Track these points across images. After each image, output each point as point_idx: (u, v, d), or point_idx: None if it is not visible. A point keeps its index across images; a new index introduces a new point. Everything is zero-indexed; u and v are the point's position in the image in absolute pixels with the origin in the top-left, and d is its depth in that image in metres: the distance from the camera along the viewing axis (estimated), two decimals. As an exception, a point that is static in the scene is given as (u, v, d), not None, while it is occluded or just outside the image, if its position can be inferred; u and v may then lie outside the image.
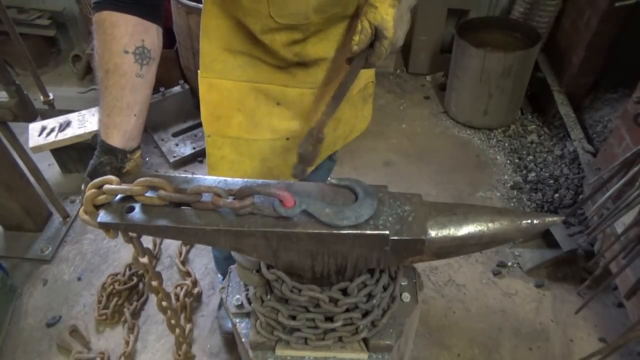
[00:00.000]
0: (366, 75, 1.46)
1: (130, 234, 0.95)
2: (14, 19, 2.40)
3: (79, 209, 0.95)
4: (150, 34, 0.98)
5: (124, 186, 0.90)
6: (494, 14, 3.44)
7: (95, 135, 0.98)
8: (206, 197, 0.90)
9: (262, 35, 1.17)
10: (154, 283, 1.07)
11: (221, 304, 2.12)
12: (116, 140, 0.96)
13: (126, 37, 0.94)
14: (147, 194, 0.90)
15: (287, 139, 1.37)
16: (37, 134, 2.55)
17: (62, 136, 2.53)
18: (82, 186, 0.94)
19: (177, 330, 1.26)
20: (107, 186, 0.90)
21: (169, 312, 1.15)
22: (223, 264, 1.99)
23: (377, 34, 1.12)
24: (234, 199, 0.89)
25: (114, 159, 0.96)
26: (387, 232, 0.88)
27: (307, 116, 1.36)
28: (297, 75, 1.28)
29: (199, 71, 1.28)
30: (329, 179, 1.82)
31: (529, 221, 0.93)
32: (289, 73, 1.27)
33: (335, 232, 0.88)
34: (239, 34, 1.21)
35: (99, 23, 0.94)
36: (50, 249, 2.44)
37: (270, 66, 1.26)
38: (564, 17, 3.07)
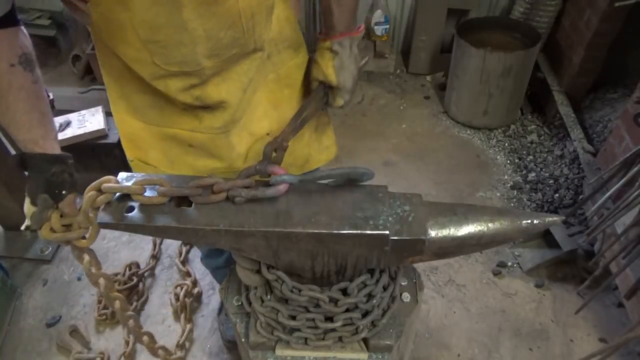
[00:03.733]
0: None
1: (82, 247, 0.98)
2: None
3: (41, 226, 0.94)
4: (22, 38, 0.95)
5: (123, 185, 0.90)
6: (494, 14, 3.44)
7: (15, 156, 0.95)
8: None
9: (154, 82, 1.07)
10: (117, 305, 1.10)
11: (222, 309, 2.12)
12: (53, 148, 0.95)
13: (5, 52, 0.90)
14: (146, 194, 0.90)
15: (210, 176, 1.29)
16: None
17: (61, 136, 2.53)
18: (37, 204, 0.92)
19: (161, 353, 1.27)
20: (105, 185, 0.90)
21: (145, 337, 1.15)
22: (216, 274, 1.96)
23: (326, 84, 1.23)
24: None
25: (65, 166, 0.94)
26: (387, 232, 0.88)
27: (225, 155, 1.25)
28: (204, 120, 1.17)
29: (110, 103, 1.22)
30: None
31: (529, 221, 0.93)
32: (195, 116, 1.17)
33: (335, 232, 0.88)
34: (133, 76, 1.09)
35: None
36: (50, 249, 2.44)
37: (174, 109, 1.16)
38: (564, 17, 3.07)
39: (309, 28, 3.47)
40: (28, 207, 0.95)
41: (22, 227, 0.97)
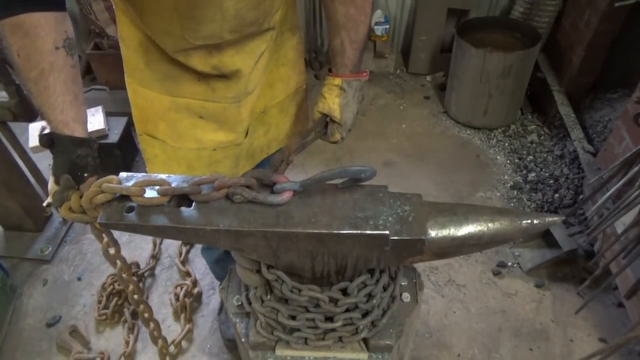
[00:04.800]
0: (296, 80, 1.47)
1: (100, 228, 0.97)
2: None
3: (61, 205, 0.96)
4: (67, 23, 0.98)
5: (123, 185, 0.90)
6: (494, 14, 3.44)
7: (44, 135, 0.97)
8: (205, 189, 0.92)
9: (176, 54, 1.16)
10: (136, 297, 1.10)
11: (222, 308, 2.12)
12: (82, 131, 0.98)
13: (52, 34, 0.93)
14: (146, 195, 0.90)
15: (214, 149, 1.36)
16: (37, 134, 2.54)
17: (61, 136, 2.53)
18: (59, 184, 0.95)
19: (160, 342, 1.27)
20: (105, 185, 0.90)
21: (151, 324, 1.15)
22: (215, 269, 1.98)
23: (329, 118, 1.32)
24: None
25: (89, 150, 0.97)
26: (387, 232, 0.88)
27: (233, 127, 1.34)
28: (218, 90, 1.26)
29: (125, 76, 1.27)
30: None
31: (529, 221, 0.93)
32: (208, 86, 1.25)
33: (335, 232, 0.88)
34: (153, 45, 1.18)
35: (16, 27, 0.91)
36: (50, 249, 2.44)
37: (189, 79, 1.24)
38: (563, 17, 3.07)
39: (309, 28, 3.47)
40: (52, 186, 0.99)
41: (44, 204, 1.02)
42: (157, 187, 0.90)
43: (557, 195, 2.59)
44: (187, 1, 1.04)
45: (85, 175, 0.96)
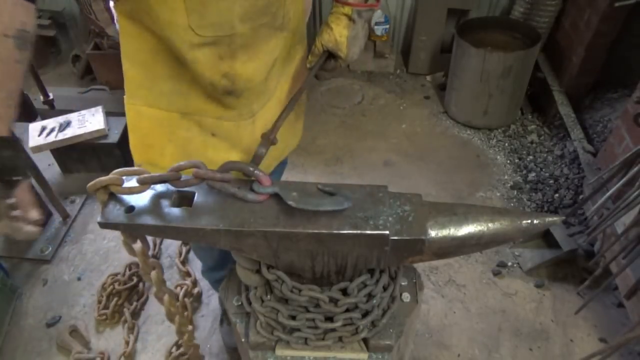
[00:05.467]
0: (297, 89, 1.34)
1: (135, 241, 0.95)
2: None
3: None
4: (29, 16, 0.86)
5: (102, 177, 0.90)
6: (494, 14, 3.44)
7: None
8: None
9: (185, 54, 1.05)
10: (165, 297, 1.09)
11: (223, 320, 2.09)
12: (6, 131, 0.86)
13: (5, 19, 0.82)
14: (125, 185, 0.90)
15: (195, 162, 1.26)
16: (37, 134, 2.55)
17: (62, 136, 2.53)
18: None
19: (186, 335, 1.25)
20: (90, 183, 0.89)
21: (177, 317, 1.15)
22: (208, 275, 1.92)
23: (331, 53, 1.20)
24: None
25: (16, 151, 0.86)
26: (387, 232, 0.88)
27: (247, 147, 1.25)
28: (231, 106, 1.17)
29: (124, 97, 1.18)
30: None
31: (529, 221, 0.93)
32: (220, 103, 1.16)
33: (335, 232, 0.88)
34: (161, 57, 1.08)
35: None
36: (50, 249, 2.44)
37: (200, 96, 1.14)
38: (563, 17, 3.07)
39: (309, 26, 3.47)
40: None
41: None
42: (136, 177, 0.90)
43: (557, 195, 2.59)
44: None
45: (17, 179, 0.84)
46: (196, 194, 0.95)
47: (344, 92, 3.50)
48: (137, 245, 0.97)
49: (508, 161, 2.94)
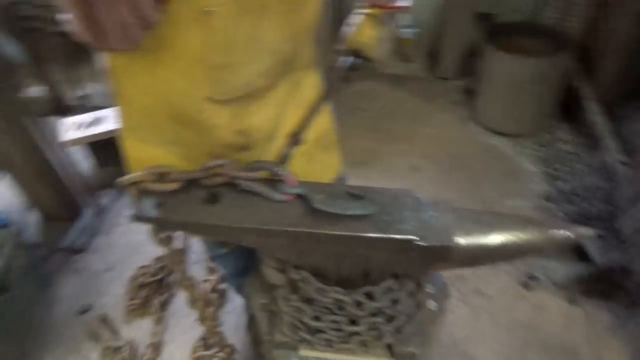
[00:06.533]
0: (322, 122, 1.26)
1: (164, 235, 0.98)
2: (51, 17, 2.49)
3: None
4: None
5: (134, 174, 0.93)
6: (524, 18, 3.36)
7: None
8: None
9: (196, 116, 0.98)
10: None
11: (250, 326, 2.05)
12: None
13: None
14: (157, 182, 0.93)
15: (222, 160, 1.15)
16: (72, 128, 2.63)
17: (95, 130, 2.61)
18: None
19: (208, 322, 1.28)
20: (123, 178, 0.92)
21: (199, 304, 1.17)
22: (230, 281, 1.91)
23: (358, 53, 1.19)
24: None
25: None
26: (414, 237, 0.87)
27: None
28: (241, 158, 1.07)
29: (119, 129, 1.10)
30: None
31: (561, 233, 0.91)
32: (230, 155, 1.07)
33: (360, 235, 0.88)
34: (162, 111, 1.00)
35: None
36: (84, 239, 2.52)
37: (203, 152, 1.05)
38: (598, 22, 2.97)
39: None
40: None
41: None
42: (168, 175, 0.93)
43: (590, 207, 2.51)
44: (224, 41, 0.87)
45: None
46: (224, 193, 0.96)
47: (370, 95, 3.49)
48: (165, 237, 1.00)
49: (539, 170, 2.87)
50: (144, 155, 1.09)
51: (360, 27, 1.18)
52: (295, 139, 1.12)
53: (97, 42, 0.86)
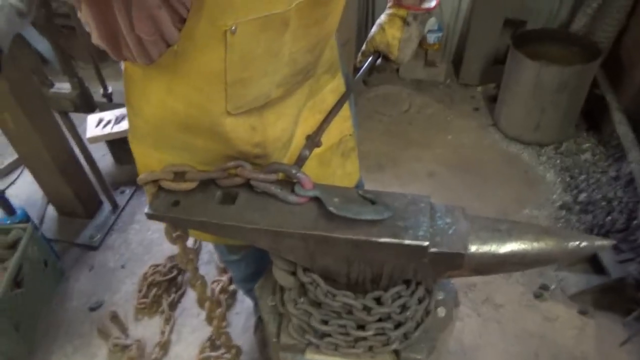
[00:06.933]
0: (340, 128, 1.27)
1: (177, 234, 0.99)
2: (80, 15, 2.54)
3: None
4: None
5: (152, 173, 0.94)
6: (552, 26, 3.33)
7: None
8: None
9: (213, 128, 0.97)
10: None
11: (258, 326, 2.05)
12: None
13: None
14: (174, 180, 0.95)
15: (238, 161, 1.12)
16: (95, 125, 2.67)
17: (117, 129, 2.64)
18: None
19: (215, 322, 1.29)
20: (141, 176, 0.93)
21: (207, 303, 1.18)
22: (240, 286, 1.94)
23: (381, 54, 1.18)
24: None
25: None
26: (426, 243, 0.86)
27: None
28: (257, 164, 1.07)
29: (128, 135, 1.11)
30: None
31: (577, 243, 0.89)
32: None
33: (373, 239, 0.87)
34: (176, 124, 0.98)
35: None
36: (99, 236, 2.55)
37: (219, 158, 1.04)
38: (627, 32, 2.93)
39: (360, 32, 3.47)
40: None
41: None
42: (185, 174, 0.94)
43: (609, 218, 2.47)
44: (242, 59, 0.86)
45: None
46: (240, 193, 0.97)
47: (391, 99, 3.48)
48: (178, 235, 1.01)
49: (558, 179, 2.83)
50: (154, 161, 1.08)
51: (385, 28, 1.17)
52: (313, 141, 1.12)
53: (113, 52, 0.87)
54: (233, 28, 0.79)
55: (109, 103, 2.94)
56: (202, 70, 0.86)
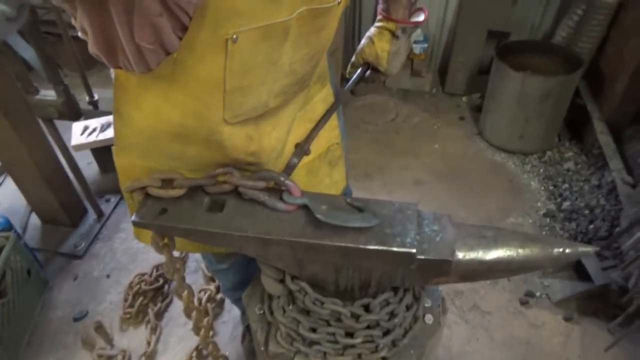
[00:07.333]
0: (328, 137, 1.27)
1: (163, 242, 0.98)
2: (66, 22, 2.53)
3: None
4: None
5: (140, 180, 0.94)
6: (535, 37, 3.40)
7: None
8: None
9: (209, 137, 0.97)
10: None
11: (245, 335, 2.05)
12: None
13: None
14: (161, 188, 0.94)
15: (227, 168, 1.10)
16: (80, 133, 2.65)
17: (103, 136, 2.62)
18: None
19: (202, 331, 1.28)
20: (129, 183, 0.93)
21: (194, 313, 1.17)
22: (227, 294, 1.94)
23: (370, 66, 1.20)
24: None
25: None
26: (414, 250, 0.87)
27: None
28: (248, 170, 1.08)
29: (113, 145, 1.06)
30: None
31: (561, 250, 0.91)
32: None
33: (361, 246, 0.88)
34: (169, 133, 0.96)
35: None
36: (83, 245, 2.51)
37: (211, 164, 1.02)
38: (608, 43, 3.00)
39: (347, 43, 3.50)
40: None
41: None
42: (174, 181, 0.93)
43: (591, 226, 2.51)
44: (242, 67, 0.86)
45: None
46: (228, 200, 0.97)
47: (378, 109, 3.51)
48: (165, 244, 1.01)
49: (542, 188, 2.87)
50: (138, 171, 1.05)
51: (374, 40, 1.19)
52: (302, 149, 1.12)
53: (109, 60, 0.86)
54: (234, 37, 0.79)
55: (95, 110, 2.92)
56: (201, 79, 0.86)
